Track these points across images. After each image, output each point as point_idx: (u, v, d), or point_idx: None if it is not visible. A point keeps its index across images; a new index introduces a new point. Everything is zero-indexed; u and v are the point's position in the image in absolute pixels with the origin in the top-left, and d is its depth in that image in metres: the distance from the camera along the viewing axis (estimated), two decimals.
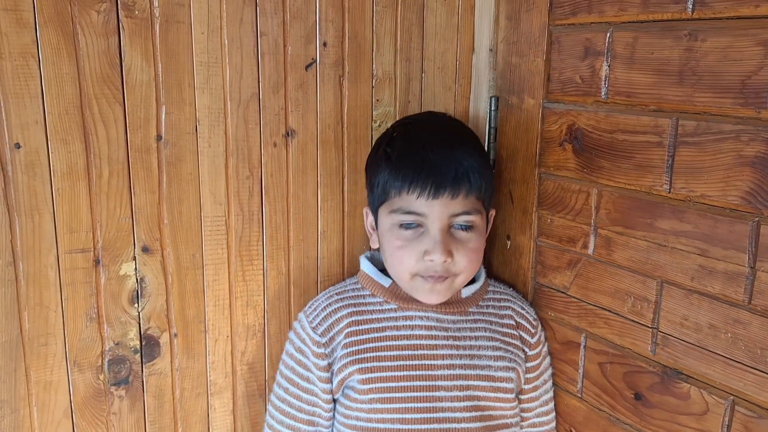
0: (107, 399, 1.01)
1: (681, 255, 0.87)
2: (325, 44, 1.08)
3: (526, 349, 1.08)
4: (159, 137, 0.97)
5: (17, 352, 0.93)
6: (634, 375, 0.96)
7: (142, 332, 1.02)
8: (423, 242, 0.99)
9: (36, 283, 0.93)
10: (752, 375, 0.80)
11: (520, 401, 1.08)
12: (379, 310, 1.05)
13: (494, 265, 1.22)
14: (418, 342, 1.02)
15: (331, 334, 1.03)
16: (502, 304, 1.10)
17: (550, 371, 1.12)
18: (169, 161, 0.99)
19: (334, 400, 1.05)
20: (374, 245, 1.10)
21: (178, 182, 1.00)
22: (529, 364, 1.08)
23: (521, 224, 1.15)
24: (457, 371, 1.01)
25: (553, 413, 1.12)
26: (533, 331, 1.10)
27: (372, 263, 1.10)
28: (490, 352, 1.04)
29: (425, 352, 1.02)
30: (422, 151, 1.01)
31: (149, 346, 1.02)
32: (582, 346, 1.05)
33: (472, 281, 1.11)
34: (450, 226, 1.00)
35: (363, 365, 1.00)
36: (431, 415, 0.99)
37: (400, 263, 1.01)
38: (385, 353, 1.01)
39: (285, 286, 1.13)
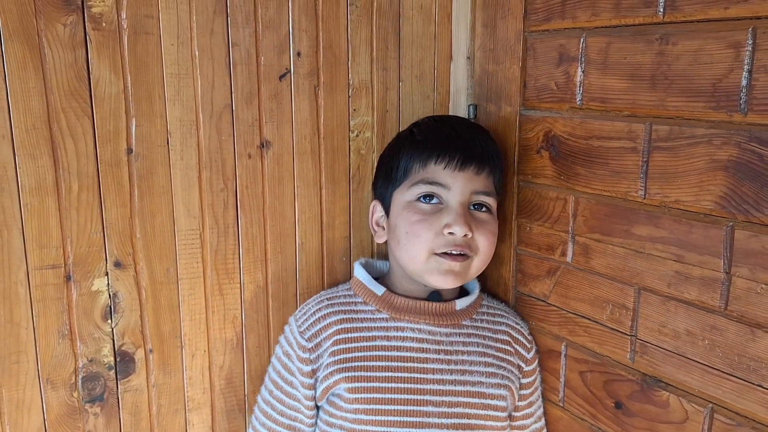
0: (82, 417, 0.99)
1: (657, 261, 0.86)
2: (299, 54, 1.07)
3: (523, 365, 1.06)
4: (129, 150, 0.96)
5: None
6: (614, 383, 0.95)
7: (116, 348, 1.00)
8: (442, 217, 0.98)
9: (6, 300, 0.91)
10: (730, 382, 0.79)
11: (515, 419, 1.06)
12: (370, 318, 1.03)
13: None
14: (408, 354, 1.00)
15: (318, 339, 1.01)
16: (497, 319, 1.08)
17: (541, 386, 1.10)
18: (140, 174, 0.97)
19: (318, 407, 1.03)
20: (380, 240, 1.09)
21: (150, 196, 0.99)
22: (525, 380, 1.06)
23: (501, 233, 1.13)
24: (447, 386, 0.99)
25: (545, 429, 1.10)
26: (529, 346, 1.08)
27: (366, 270, 1.08)
28: (481, 368, 1.02)
29: (415, 365, 1.00)
30: (451, 129, 1.04)
31: (124, 363, 1.01)
32: (563, 355, 1.04)
33: (466, 293, 1.10)
34: (469, 204, 1.01)
35: (350, 374, 0.98)
36: (417, 430, 0.97)
37: (417, 238, 0.99)
38: (374, 363, 0.99)
39: (263, 300, 1.11)
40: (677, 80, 0.82)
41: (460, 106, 1.22)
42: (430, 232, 0.98)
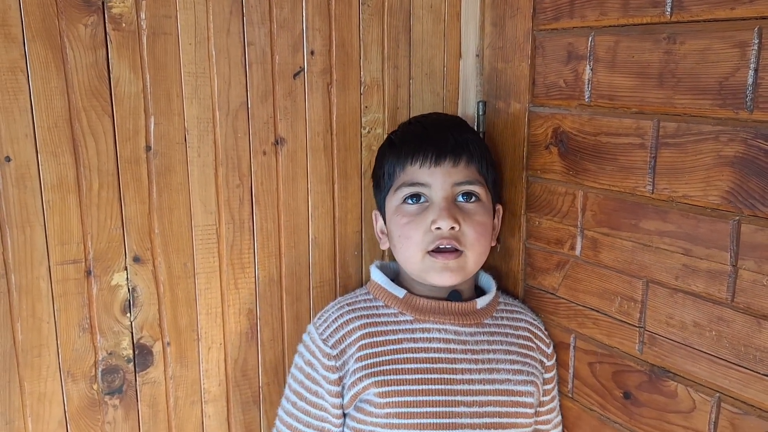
0: (101, 409, 1.02)
1: (665, 255, 0.88)
2: (312, 52, 1.09)
3: (545, 360, 1.07)
4: (148, 148, 0.98)
5: (11, 364, 0.94)
6: (622, 374, 0.97)
7: (134, 341, 1.02)
8: (428, 214, 1.00)
9: (28, 294, 0.94)
10: (737, 372, 0.81)
11: (540, 414, 1.07)
12: (393, 321, 1.03)
13: (484, 268, 1.22)
14: (436, 355, 1.00)
15: (343, 346, 1.01)
16: (515, 315, 1.09)
17: (558, 380, 1.11)
18: (158, 171, 0.99)
19: (345, 415, 1.02)
20: (384, 247, 1.11)
21: (168, 192, 1.01)
22: (547, 375, 1.08)
23: (510, 227, 1.16)
24: (477, 386, 1.00)
25: (561, 425, 1.11)
26: (548, 341, 1.09)
27: (383, 272, 1.09)
28: (508, 366, 1.02)
29: (444, 365, 1.00)
30: (423, 129, 1.07)
31: (142, 355, 1.03)
32: (572, 347, 1.06)
33: (483, 292, 1.10)
34: (454, 198, 1.02)
35: (380, 378, 0.97)
36: (451, 431, 0.97)
37: (408, 240, 1.01)
38: (403, 366, 0.99)
39: (277, 294, 1.13)
40: (684, 78, 0.84)
41: (469, 103, 1.24)
42: (419, 232, 1.00)
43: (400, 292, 1.05)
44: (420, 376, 0.98)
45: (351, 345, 1.00)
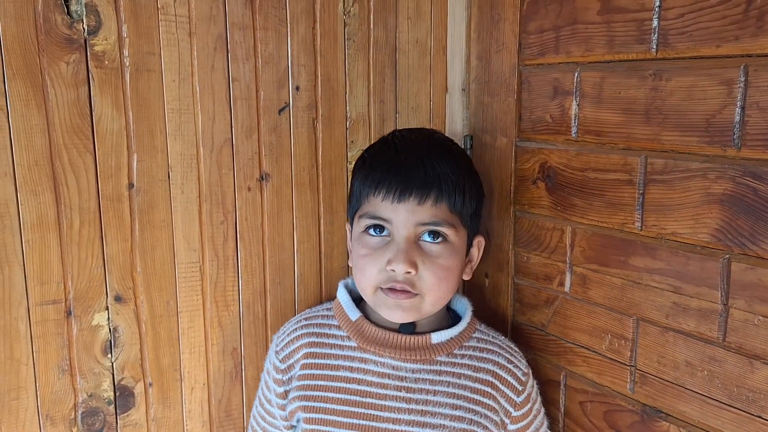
0: None
1: (655, 292, 0.87)
2: (297, 88, 1.08)
3: (511, 409, 0.97)
4: (131, 185, 0.97)
5: None
6: (614, 414, 0.96)
7: (116, 383, 1.00)
8: (387, 251, 0.93)
9: (6, 336, 0.91)
10: (729, 413, 0.80)
11: None
12: (339, 346, 0.99)
13: (473, 304, 1.21)
14: (367, 389, 0.95)
15: (291, 362, 1.00)
16: (485, 356, 0.99)
17: (545, 425, 1.03)
18: (141, 209, 0.98)
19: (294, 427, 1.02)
20: (351, 263, 1.05)
21: (150, 229, 0.99)
22: (513, 426, 0.98)
23: (498, 262, 1.15)
24: (403, 427, 0.93)
25: None
26: (520, 388, 0.98)
27: (348, 292, 1.04)
28: (447, 411, 0.94)
29: (373, 401, 0.94)
30: (394, 154, 0.97)
31: (123, 397, 1.01)
32: (562, 385, 1.05)
33: (450, 324, 1.01)
34: (418, 237, 0.93)
35: (308, 403, 0.96)
36: None
37: (363, 273, 0.95)
38: (333, 395, 0.96)
39: (262, 332, 1.11)
40: (671, 115, 0.83)
41: (456, 137, 1.22)
42: (375, 268, 0.94)
43: (354, 315, 1.00)
44: (346, 408, 0.95)
45: (297, 362, 1.00)
